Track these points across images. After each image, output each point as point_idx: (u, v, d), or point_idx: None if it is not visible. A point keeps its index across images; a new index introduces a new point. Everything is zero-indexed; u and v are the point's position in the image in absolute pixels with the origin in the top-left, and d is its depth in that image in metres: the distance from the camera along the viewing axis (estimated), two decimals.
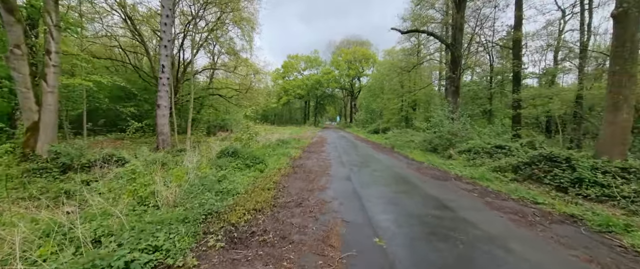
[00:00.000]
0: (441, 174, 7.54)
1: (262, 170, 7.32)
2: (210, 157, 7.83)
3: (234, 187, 5.31)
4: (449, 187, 5.94)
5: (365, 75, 44.18)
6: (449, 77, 12.39)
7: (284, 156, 10.14)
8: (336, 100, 55.81)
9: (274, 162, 8.59)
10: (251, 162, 7.72)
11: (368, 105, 33.76)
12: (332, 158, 10.14)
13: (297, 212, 4.17)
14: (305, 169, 7.83)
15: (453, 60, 12.38)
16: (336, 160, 9.66)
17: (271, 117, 49.38)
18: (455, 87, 12.31)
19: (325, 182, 6.24)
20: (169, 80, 11.58)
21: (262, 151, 9.60)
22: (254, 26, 23.47)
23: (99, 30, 18.36)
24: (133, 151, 9.58)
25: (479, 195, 5.33)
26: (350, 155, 11.15)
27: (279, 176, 6.81)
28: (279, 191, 5.36)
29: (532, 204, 4.80)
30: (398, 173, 7.49)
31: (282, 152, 10.78)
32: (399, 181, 6.56)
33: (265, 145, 11.70)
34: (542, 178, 5.98)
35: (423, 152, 11.94)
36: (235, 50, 24.31)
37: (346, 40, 47.59)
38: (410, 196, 5.17)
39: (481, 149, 9.16)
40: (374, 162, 9.48)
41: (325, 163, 8.95)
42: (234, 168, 7.10)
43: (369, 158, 10.39)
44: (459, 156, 9.66)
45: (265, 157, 9.11)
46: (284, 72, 47.25)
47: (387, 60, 30.68)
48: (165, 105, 11.38)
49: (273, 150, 11.21)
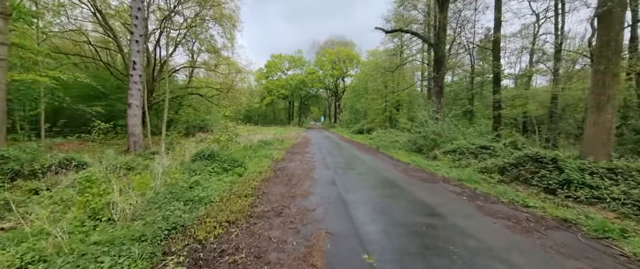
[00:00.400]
0: (428, 176, 7.32)
1: (241, 174, 6.79)
2: (185, 160, 7.19)
3: (207, 194, 4.78)
4: (438, 191, 5.68)
5: (349, 75, 44.14)
6: (433, 77, 12.33)
7: (266, 158, 9.62)
8: (320, 100, 55.51)
9: (255, 165, 8.06)
10: (229, 166, 7.16)
11: (352, 105, 33.66)
12: (316, 160, 9.73)
13: (276, 223, 3.72)
14: (287, 173, 7.36)
15: (437, 60, 12.32)
16: (320, 162, 9.26)
17: (255, 118, 48.32)
18: (439, 87, 12.26)
19: (309, 186, 5.81)
20: (141, 77, 10.77)
21: (242, 153, 9.03)
22: (235, 23, 22.69)
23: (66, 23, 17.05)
24: (100, 154, 8.76)
25: (468, 198, 5.09)
26: (334, 156, 10.79)
27: (258, 180, 6.31)
28: (257, 198, 4.87)
29: (523, 207, 4.60)
30: (384, 176, 7.18)
31: (264, 154, 10.25)
32: (385, 184, 6.24)
33: (246, 147, 11.12)
34: (530, 179, 5.85)
35: (408, 152, 11.79)
36: (216, 48, 23.43)
37: (330, 41, 47.45)
38: (399, 201, 4.84)
39: (466, 150, 9.06)
40: (359, 163, 9.16)
41: (308, 165, 8.52)
42: (209, 173, 6.53)
43: (354, 159, 10.07)
44: (444, 157, 9.54)
45: (245, 159, 8.56)
46: (268, 71, 46.35)
47: (370, 60, 30.69)
48: (137, 104, 10.57)
49: (254, 152, 10.65)
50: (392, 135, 18.21)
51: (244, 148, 10.69)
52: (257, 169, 7.56)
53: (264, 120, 47.86)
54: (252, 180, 6.27)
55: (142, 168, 7.24)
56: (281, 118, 49.96)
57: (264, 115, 49.61)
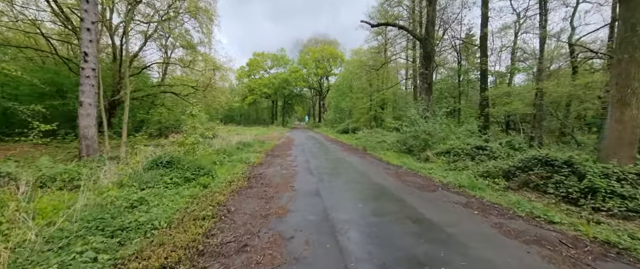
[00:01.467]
0: (424, 181, 6.42)
1: (206, 185, 5.58)
2: (138, 168, 5.89)
3: (151, 218, 3.58)
4: (441, 202, 4.75)
5: (333, 74, 43.23)
6: (422, 74, 11.58)
7: (241, 163, 8.41)
8: (304, 100, 54.30)
9: (226, 173, 6.85)
10: (193, 175, 5.93)
11: (337, 104, 32.78)
12: (298, 164, 8.64)
13: (236, 264, 2.61)
14: (264, 181, 6.23)
15: (425, 55, 11.57)
16: (303, 166, 8.17)
17: (237, 118, 46.39)
18: (428, 84, 11.52)
19: (288, 201, 4.71)
20: (94, 71, 9.25)
21: (212, 158, 7.78)
22: (212, 17, 21.12)
23: (19, 12, 15.00)
24: (36, 161, 7.27)
25: (480, 212, 4.19)
26: (319, 159, 9.74)
27: (226, 193, 5.15)
28: (219, 221, 3.73)
29: (548, 224, 3.75)
30: (376, 183, 6.21)
31: (240, 158, 9.03)
32: (379, 194, 5.26)
33: (220, 150, 9.84)
34: (542, 186, 5.06)
35: (397, 154, 10.94)
36: (192, 44, 21.81)
37: (314, 39, 46.36)
38: (398, 219, 3.85)
39: (461, 151, 8.28)
40: (346, 168, 8.16)
41: (289, 171, 7.41)
42: (165, 184, 5.29)
43: (340, 163, 9.06)
44: (438, 158, 8.73)
45: (216, 165, 7.33)
46: (250, 70, 44.57)
47: (355, 59, 29.92)
48: (90, 102, 9.07)
49: (229, 156, 9.40)
50: (378, 135, 17.42)
51: (217, 152, 9.41)
52: (228, 178, 6.37)
53: (247, 120, 46.03)
54: (219, 193, 5.09)
55: (85, 180, 5.88)
56: (264, 118, 48.28)
57: (247, 115, 47.74)
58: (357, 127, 24.47)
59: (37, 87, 13.92)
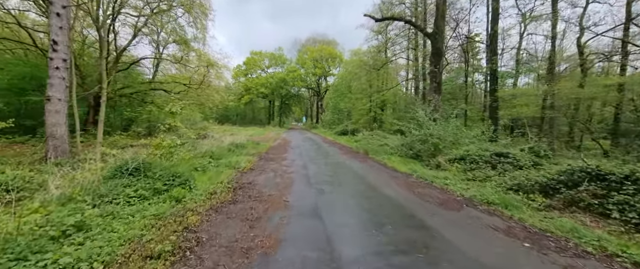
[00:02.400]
0: (443, 195, 5.37)
1: (181, 198, 4.47)
2: (97, 177, 4.76)
3: (80, 257, 2.47)
4: (474, 227, 3.71)
5: (331, 74, 42.17)
6: (431, 72, 10.57)
7: (229, 169, 7.31)
8: (302, 100, 53.15)
9: (209, 181, 5.74)
10: (166, 185, 4.82)
11: (335, 105, 31.74)
12: (294, 170, 7.55)
13: None
14: (252, 193, 5.13)
15: (435, 52, 10.57)
16: (300, 174, 7.08)
17: (233, 118, 45.11)
18: (437, 83, 10.52)
19: (279, 224, 3.63)
20: (65, 62, 8.13)
21: (194, 163, 6.65)
22: (206, 11, 20.01)
23: None
24: None
25: (533, 245, 3.14)
26: (317, 164, 8.66)
27: (203, 210, 4.05)
28: (178, 262, 2.63)
29: (635, 267, 2.72)
30: (387, 196, 5.14)
31: (229, 163, 7.92)
32: (393, 214, 4.20)
33: (207, 153, 8.72)
34: (595, 206, 4.04)
35: (403, 159, 9.90)
36: (185, 39, 20.67)
37: (312, 39, 45.27)
38: (431, 259, 2.79)
39: (479, 158, 7.26)
40: (349, 175, 7.09)
41: (284, 180, 6.32)
42: (127, 199, 4.17)
43: (341, 169, 7.99)
44: (451, 166, 7.70)
45: (198, 172, 6.22)
46: (247, 69, 43.34)
47: (354, 59, 28.93)
48: (60, 97, 7.96)
49: (216, 160, 8.29)
50: (379, 137, 16.40)
51: (203, 155, 8.30)
52: (211, 188, 5.26)
53: (243, 120, 44.76)
54: (193, 210, 4.00)
55: (33, 191, 4.75)
56: (261, 118, 47.03)
57: (243, 115, 46.44)
58: (356, 128, 23.44)
59: (16, 82, 12.81)
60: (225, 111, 45.26)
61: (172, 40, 20.79)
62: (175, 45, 21.31)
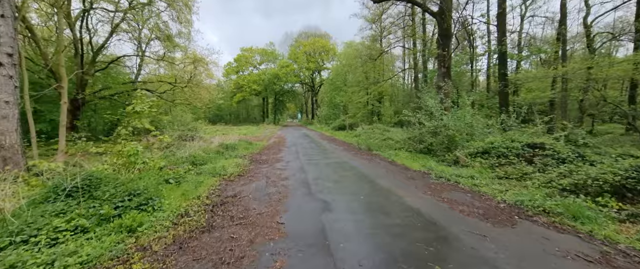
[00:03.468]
0: (480, 201, 4.20)
1: (136, 227, 3.21)
2: (23, 201, 3.48)
3: None
4: (553, 260, 2.53)
5: (325, 68, 40.71)
6: (439, 56, 9.35)
7: (213, 177, 6.04)
8: (296, 96, 51.61)
9: (182, 196, 4.47)
10: (119, 207, 3.54)
11: (331, 99, 30.42)
12: (291, 174, 6.32)
13: None
14: (235, 212, 3.89)
15: (442, 33, 9.35)
16: (297, 179, 5.85)
17: (226, 117, 43.52)
18: (446, 69, 9.32)
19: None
20: (11, 58, 6.73)
21: (169, 173, 5.35)
22: (189, 4, 18.47)
23: None
24: None
25: None
26: (317, 165, 7.44)
27: (159, 248, 2.80)
28: None
29: None
30: (414, 209, 3.94)
31: (213, 169, 6.63)
32: (431, 238, 2.98)
33: (189, 158, 7.42)
34: None
35: (412, 154, 8.74)
36: (169, 34, 19.12)
37: (304, 33, 43.59)
38: None
39: (507, 150, 6.11)
40: (356, 179, 5.88)
41: (278, 189, 5.08)
42: (53, 234, 2.90)
43: (346, 170, 6.78)
44: (472, 161, 6.54)
45: (171, 185, 4.94)
46: (238, 66, 41.61)
47: (350, 50, 27.59)
48: (7, 100, 6.59)
49: (199, 165, 7.01)
50: (380, 131, 15.23)
51: (183, 160, 7.00)
52: (182, 207, 4.01)
53: (237, 119, 43.17)
54: (146, 249, 2.75)
55: None
56: (255, 116, 45.44)
57: (236, 114, 44.80)
58: (354, 123, 22.25)
59: None
60: (218, 110, 43.64)
61: (154, 36, 19.23)
62: (158, 42, 19.77)
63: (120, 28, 17.86)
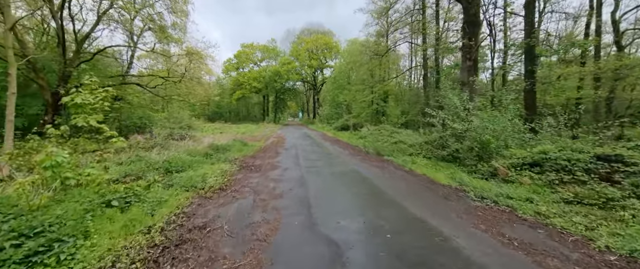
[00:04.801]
0: (570, 250, 2.72)
1: None
2: None
3: None
4: None
5: (328, 66, 39.10)
6: (464, 47, 7.84)
7: (185, 191, 4.56)
8: (298, 94, 49.99)
9: (123, 229, 2.98)
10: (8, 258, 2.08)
11: (333, 98, 28.89)
12: (286, 188, 4.84)
13: None
14: (190, 266, 2.42)
15: (469, 21, 7.84)
16: (295, 197, 4.37)
17: (226, 115, 41.99)
18: (473, 61, 7.82)
19: None
20: None
21: (118, 191, 3.84)
22: None
23: None
24: None
25: None
26: (321, 175, 5.96)
27: None
28: None
29: None
30: (469, 259, 2.46)
31: (189, 179, 5.15)
32: None
33: (162, 164, 5.95)
34: None
35: (433, 162, 7.25)
36: (162, 25, 17.67)
37: (307, 29, 41.91)
38: None
39: (569, 163, 4.61)
40: (374, 199, 4.38)
41: (266, 216, 3.60)
42: None
43: (357, 184, 5.29)
44: (519, 175, 5.05)
45: (113, 209, 3.45)
46: (238, 63, 40.04)
47: (355, 47, 26.05)
48: None
49: (175, 173, 5.54)
50: (388, 132, 13.73)
51: (150, 168, 5.54)
52: (115, 248, 2.55)
53: (236, 117, 41.61)
54: None
55: None
56: (255, 114, 43.88)
57: (236, 111, 43.24)
58: (358, 123, 20.76)
59: None
60: (217, 108, 42.10)
61: (147, 27, 17.75)
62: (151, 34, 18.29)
63: (112, 18, 16.44)
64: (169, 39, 17.97)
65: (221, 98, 38.97)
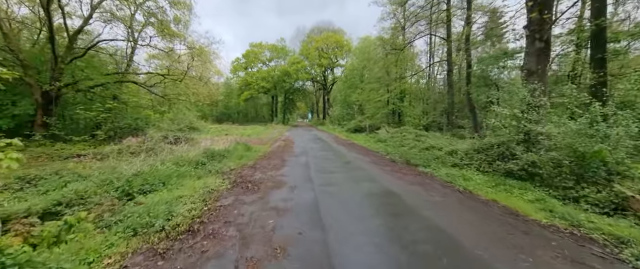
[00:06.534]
0: None
1: None
2: None
3: None
4: None
5: (339, 65, 37.13)
6: (533, 23, 5.67)
7: (130, 236, 2.73)
8: (307, 94, 48.12)
9: None
10: None
11: (345, 98, 26.92)
12: (293, 230, 2.93)
13: None
14: None
15: None
16: (307, 256, 2.47)
17: (234, 116, 40.57)
18: (545, 42, 5.72)
19: None
20: None
21: None
22: None
23: None
24: None
25: None
26: (343, 201, 4.03)
27: None
28: None
29: None
30: None
31: (147, 211, 3.33)
32: None
33: (122, 184, 4.19)
34: None
35: (492, 178, 5.22)
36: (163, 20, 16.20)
37: (317, 28, 40.07)
38: None
39: None
40: (442, 254, 2.43)
41: None
42: None
43: (405, 218, 3.33)
44: None
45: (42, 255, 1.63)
46: (246, 62, 38.55)
47: (366, 44, 24.05)
48: None
49: (129, 201, 3.75)
50: (412, 136, 11.63)
51: (101, 189, 3.75)
52: None
53: (245, 118, 40.13)
54: None
55: None
56: (264, 115, 42.27)
57: (244, 112, 41.75)
58: (374, 124, 18.71)
59: None
60: (225, 108, 40.73)
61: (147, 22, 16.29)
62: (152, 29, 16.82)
63: (114, 16, 15.07)
64: (171, 35, 16.48)
65: (229, 99, 37.58)
